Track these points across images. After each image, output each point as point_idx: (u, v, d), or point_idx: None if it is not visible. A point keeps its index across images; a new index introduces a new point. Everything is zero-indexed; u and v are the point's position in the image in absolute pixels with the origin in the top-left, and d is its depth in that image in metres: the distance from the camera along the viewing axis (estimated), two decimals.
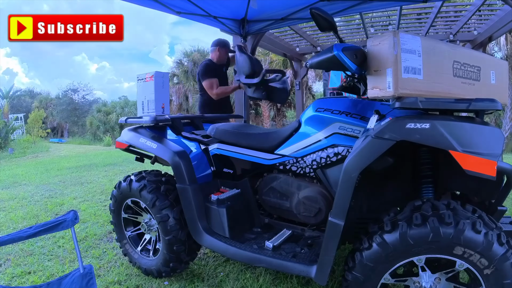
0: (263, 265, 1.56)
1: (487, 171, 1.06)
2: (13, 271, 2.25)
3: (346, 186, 1.22)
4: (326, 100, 1.67)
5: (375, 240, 1.19)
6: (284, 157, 1.73)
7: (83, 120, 27.18)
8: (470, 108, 1.12)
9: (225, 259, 2.28)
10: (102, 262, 2.35)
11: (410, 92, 1.13)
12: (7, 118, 18.45)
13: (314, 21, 1.37)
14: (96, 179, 5.57)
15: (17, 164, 8.76)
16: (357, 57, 1.32)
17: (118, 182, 2.12)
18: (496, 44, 11.32)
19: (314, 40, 7.07)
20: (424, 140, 1.11)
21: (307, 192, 1.69)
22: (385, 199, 1.61)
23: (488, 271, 1.10)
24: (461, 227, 1.08)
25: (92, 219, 3.34)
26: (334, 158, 1.58)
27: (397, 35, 1.11)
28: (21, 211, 3.76)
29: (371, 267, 1.21)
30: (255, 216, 1.87)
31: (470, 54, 1.29)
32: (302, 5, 3.38)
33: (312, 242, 1.66)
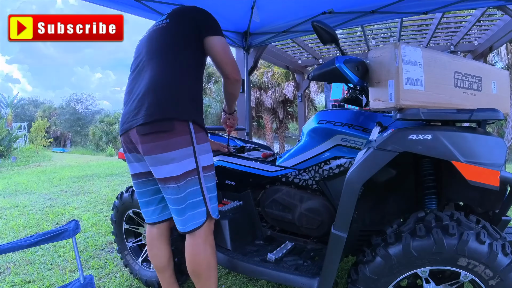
0: (265, 277, 1.54)
1: (490, 181, 1.05)
2: (12, 279, 2.24)
3: (349, 198, 1.22)
4: (328, 112, 1.68)
5: (379, 252, 1.18)
6: (286, 169, 1.73)
7: (86, 130, 27.38)
8: (472, 118, 1.13)
9: (227, 272, 2.25)
10: (103, 273, 2.33)
11: (412, 103, 1.13)
12: (11, 127, 18.59)
13: (316, 33, 1.39)
14: (98, 189, 5.56)
15: (19, 172, 8.79)
16: (359, 69, 1.33)
17: (120, 193, 2.12)
18: (497, 54, 11.39)
19: (316, 53, 7.14)
20: (427, 151, 1.11)
21: (310, 204, 1.68)
22: (388, 210, 1.60)
23: (493, 282, 1.09)
24: (465, 238, 1.07)
25: (93, 229, 3.33)
26: (337, 170, 1.58)
27: (398, 46, 1.12)
28: (22, 219, 3.76)
29: (374, 280, 1.19)
30: (257, 228, 1.86)
31: (471, 64, 1.29)
32: (304, 18, 3.42)
33: (315, 254, 1.65)
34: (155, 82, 1.42)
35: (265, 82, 15.55)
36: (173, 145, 1.37)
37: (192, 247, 1.47)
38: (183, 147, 1.38)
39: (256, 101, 16.03)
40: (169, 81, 1.43)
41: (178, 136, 1.37)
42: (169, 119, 1.37)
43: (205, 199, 1.45)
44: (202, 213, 1.44)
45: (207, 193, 1.46)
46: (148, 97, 1.39)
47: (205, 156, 1.47)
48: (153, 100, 1.38)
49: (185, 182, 1.39)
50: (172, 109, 1.38)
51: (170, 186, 1.39)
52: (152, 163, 1.41)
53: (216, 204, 1.53)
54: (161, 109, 1.37)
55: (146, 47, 1.53)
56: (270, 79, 15.33)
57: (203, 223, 1.44)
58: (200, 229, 1.45)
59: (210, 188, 1.49)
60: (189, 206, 1.42)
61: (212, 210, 1.49)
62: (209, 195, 1.47)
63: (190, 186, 1.40)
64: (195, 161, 1.41)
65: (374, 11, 3.17)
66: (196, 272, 1.48)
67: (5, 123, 15.32)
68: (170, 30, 1.51)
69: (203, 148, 1.46)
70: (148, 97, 1.39)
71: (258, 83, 15.66)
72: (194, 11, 1.55)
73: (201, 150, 1.44)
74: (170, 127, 1.37)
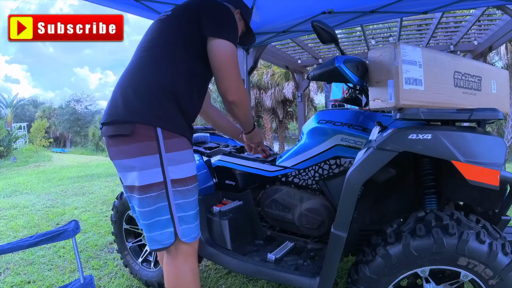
0: (265, 277, 1.54)
1: (490, 180, 1.05)
2: (12, 280, 2.24)
3: (349, 198, 1.22)
4: (328, 111, 1.68)
5: (379, 252, 1.18)
6: (286, 169, 1.73)
7: (86, 130, 27.37)
8: (471, 118, 1.13)
9: (227, 272, 2.25)
10: (103, 273, 2.33)
11: (411, 103, 1.13)
12: (10, 127, 18.58)
13: (316, 33, 1.38)
14: (97, 190, 5.56)
15: (19, 173, 8.79)
16: (359, 69, 1.33)
17: (120, 193, 2.12)
18: (497, 53, 11.41)
19: (316, 52, 7.14)
20: (427, 151, 1.11)
21: (310, 204, 1.68)
22: (387, 210, 1.60)
23: (493, 281, 1.09)
24: (465, 237, 1.07)
25: (93, 229, 3.33)
26: (337, 169, 1.58)
27: (398, 46, 1.12)
28: (22, 220, 3.76)
29: (374, 280, 1.19)
30: (257, 228, 1.86)
31: (470, 64, 1.29)
32: (303, 17, 3.42)
33: (315, 254, 1.65)
34: (130, 77, 1.26)
35: (265, 82, 15.55)
36: (133, 152, 1.18)
37: (170, 267, 1.28)
38: (145, 155, 1.18)
39: (255, 101, 16.04)
40: (146, 77, 1.24)
41: (139, 142, 1.18)
42: (129, 122, 1.18)
43: (173, 219, 1.22)
44: (170, 234, 1.23)
45: (176, 212, 1.22)
46: (117, 94, 1.24)
47: (177, 167, 1.23)
48: (119, 97, 1.23)
49: (149, 196, 1.19)
50: (136, 110, 1.19)
51: (135, 196, 1.22)
52: (118, 169, 1.28)
53: (192, 225, 1.28)
54: (125, 109, 1.20)
55: (141, 40, 1.36)
56: (270, 79, 15.33)
57: (170, 244, 1.24)
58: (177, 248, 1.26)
59: (182, 205, 1.24)
60: (154, 225, 1.22)
61: (183, 233, 1.24)
62: (178, 214, 1.23)
63: (155, 202, 1.20)
64: (163, 172, 1.19)
65: (374, 11, 3.17)
66: None
67: (5, 124, 15.32)
68: (166, 22, 1.33)
69: (175, 158, 1.22)
70: (116, 94, 1.25)
71: (257, 83, 15.66)
72: (200, 2, 1.32)
73: (172, 160, 1.21)
74: (130, 131, 1.17)
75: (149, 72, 1.25)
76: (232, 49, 1.26)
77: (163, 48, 1.27)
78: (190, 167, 1.28)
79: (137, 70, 1.28)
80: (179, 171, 1.24)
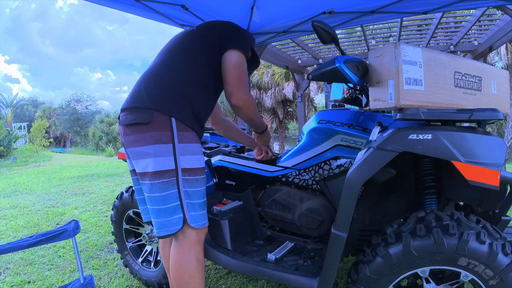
0: (265, 277, 1.54)
1: (490, 181, 1.05)
2: (12, 280, 2.24)
3: (349, 198, 1.22)
4: (328, 112, 1.68)
5: (379, 252, 1.18)
6: (286, 169, 1.73)
7: (86, 130, 27.35)
8: (472, 118, 1.13)
9: (227, 272, 2.26)
10: (103, 273, 2.33)
11: (411, 103, 1.13)
12: (10, 127, 18.57)
13: (316, 33, 1.39)
14: (97, 190, 5.56)
15: (19, 173, 8.78)
16: (359, 69, 1.33)
17: (120, 193, 2.12)
18: (497, 54, 11.40)
19: (316, 53, 7.14)
20: (427, 151, 1.11)
21: (310, 204, 1.68)
22: (388, 210, 1.60)
23: (493, 281, 1.09)
24: (465, 237, 1.08)
25: (93, 229, 3.33)
26: (337, 170, 1.58)
27: (398, 46, 1.12)
28: (22, 219, 3.76)
29: (374, 280, 1.19)
30: (257, 228, 1.86)
31: (471, 64, 1.29)
32: (304, 18, 3.42)
33: (315, 254, 1.65)
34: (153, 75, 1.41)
35: (265, 82, 15.54)
36: (149, 139, 1.29)
37: (176, 255, 1.37)
38: (160, 143, 1.29)
39: (256, 101, 16.00)
40: (165, 79, 1.39)
41: (156, 131, 1.29)
42: (150, 108, 1.30)
43: (182, 205, 1.33)
44: (178, 220, 1.33)
45: (185, 199, 1.34)
46: (140, 86, 1.39)
47: (188, 157, 1.35)
48: (142, 88, 1.37)
49: (161, 182, 1.30)
50: (156, 100, 1.32)
51: (146, 182, 1.32)
52: (132, 156, 1.37)
53: (200, 212, 1.40)
54: (146, 97, 1.33)
55: (166, 46, 1.54)
56: (270, 79, 15.32)
57: (178, 230, 1.33)
58: (184, 236, 1.36)
59: (191, 193, 1.36)
60: (164, 210, 1.32)
61: (191, 218, 1.35)
62: (187, 200, 1.34)
63: (166, 188, 1.30)
64: (175, 161, 1.31)
65: (374, 11, 3.16)
66: (177, 283, 1.38)
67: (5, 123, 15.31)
68: (192, 35, 1.51)
69: (187, 149, 1.34)
70: (140, 86, 1.39)
71: (258, 83, 15.65)
72: (222, 26, 1.53)
73: (184, 150, 1.33)
74: (148, 118, 1.29)
75: (170, 75, 1.40)
76: (239, 57, 1.43)
77: (184, 57, 1.44)
78: (200, 159, 1.41)
79: (159, 71, 1.43)
80: (190, 161, 1.35)
